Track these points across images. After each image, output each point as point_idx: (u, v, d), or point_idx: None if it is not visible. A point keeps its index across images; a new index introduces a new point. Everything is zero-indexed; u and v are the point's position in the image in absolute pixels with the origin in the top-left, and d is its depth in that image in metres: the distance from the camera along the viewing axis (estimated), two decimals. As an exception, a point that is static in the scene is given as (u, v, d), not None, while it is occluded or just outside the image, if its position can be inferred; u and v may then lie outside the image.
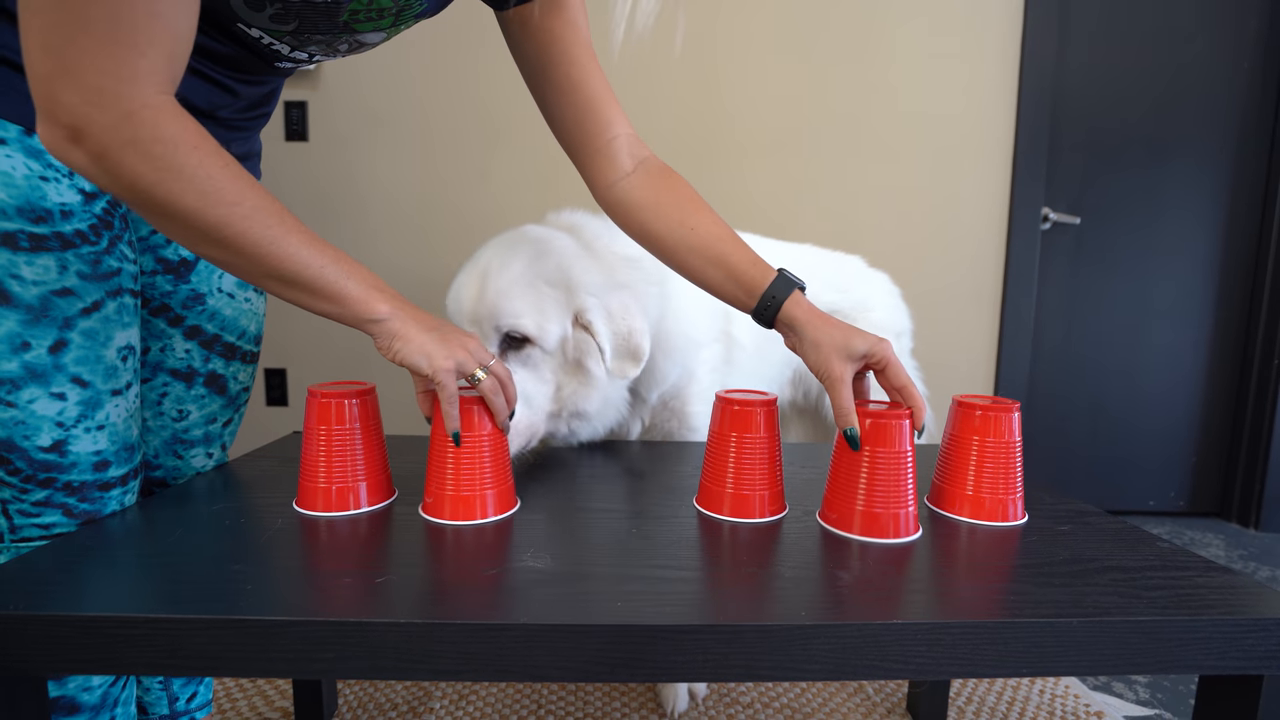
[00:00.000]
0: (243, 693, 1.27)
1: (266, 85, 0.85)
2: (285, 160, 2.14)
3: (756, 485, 0.75)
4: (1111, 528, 0.76)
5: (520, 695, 1.28)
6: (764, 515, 0.75)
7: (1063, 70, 2.18)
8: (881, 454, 0.70)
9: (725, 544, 0.69)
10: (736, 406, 0.75)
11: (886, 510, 0.70)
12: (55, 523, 0.72)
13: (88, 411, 0.72)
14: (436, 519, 0.72)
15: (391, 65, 2.09)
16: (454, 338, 0.71)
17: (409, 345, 0.69)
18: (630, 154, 0.91)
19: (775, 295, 0.80)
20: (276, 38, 0.72)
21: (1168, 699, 1.37)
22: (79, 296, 0.70)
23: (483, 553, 0.65)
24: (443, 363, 0.69)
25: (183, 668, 0.51)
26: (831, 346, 0.76)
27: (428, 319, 0.71)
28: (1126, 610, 0.56)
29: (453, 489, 0.72)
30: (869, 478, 0.71)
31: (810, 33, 2.10)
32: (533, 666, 0.52)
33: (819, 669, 0.53)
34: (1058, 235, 2.26)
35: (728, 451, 0.75)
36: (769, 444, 0.75)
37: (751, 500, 0.75)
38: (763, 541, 0.69)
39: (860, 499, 0.71)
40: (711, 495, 0.77)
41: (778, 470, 0.77)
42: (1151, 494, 2.40)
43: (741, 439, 0.75)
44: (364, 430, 0.75)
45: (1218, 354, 2.34)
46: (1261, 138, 2.24)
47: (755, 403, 0.75)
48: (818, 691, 1.32)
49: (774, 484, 0.76)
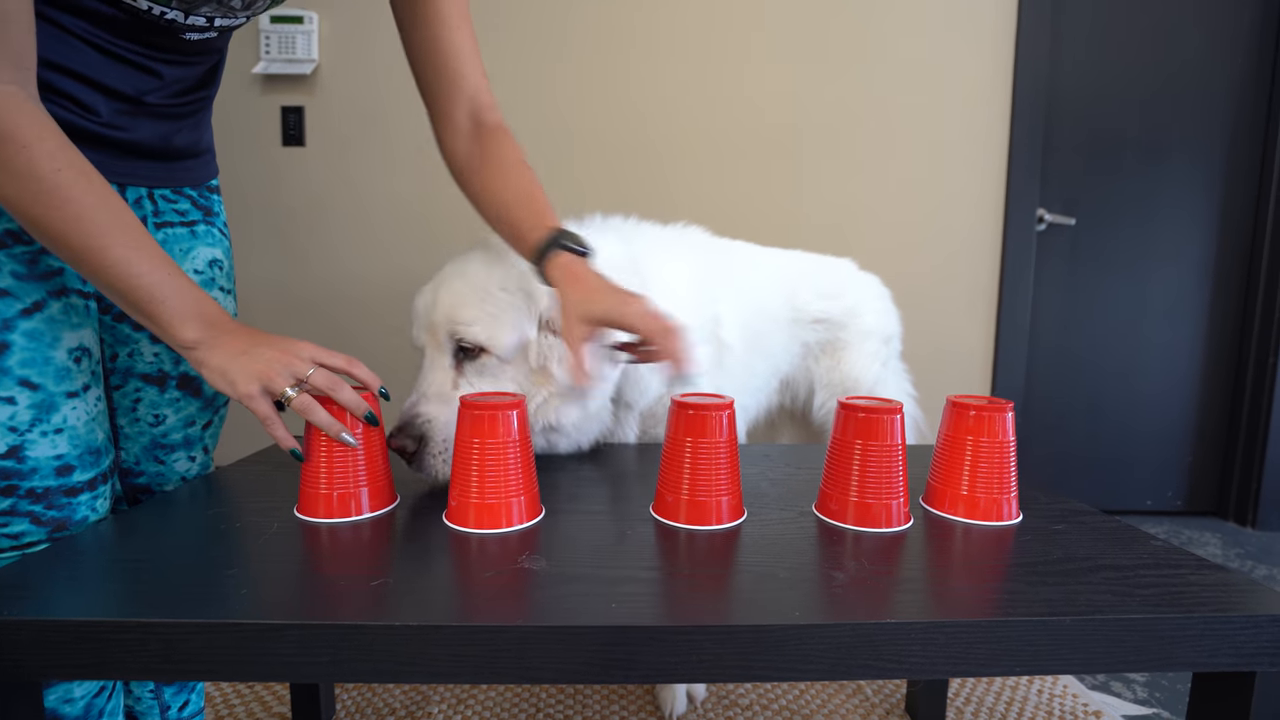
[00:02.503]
0: (240, 698, 1.27)
1: (191, 65, 0.83)
2: (282, 165, 2.14)
3: (714, 491, 0.72)
4: (1105, 526, 0.76)
5: (518, 699, 1.28)
6: (721, 522, 0.73)
7: (1057, 71, 2.19)
8: (873, 447, 0.72)
9: (720, 545, 0.69)
10: (691, 411, 0.72)
11: (879, 501, 0.73)
12: (24, 531, 0.69)
13: (42, 415, 0.70)
14: (461, 527, 0.71)
15: (388, 69, 2.09)
16: (265, 356, 0.68)
17: (212, 373, 0.68)
18: (470, 115, 0.94)
19: (541, 255, 0.83)
20: (164, 5, 0.71)
21: (1166, 698, 1.37)
22: (16, 297, 0.69)
23: (479, 556, 0.65)
24: (245, 387, 0.67)
25: (177, 672, 0.51)
26: (571, 309, 0.77)
27: (241, 340, 0.69)
28: (1119, 608, 0.56)
29: (477, 497, 0.70)
30: (861, 470, 0.73)
31: (804, 34, 2.11)
32: (528, 669, 0.52)
33: (814, 669, 0.53)
34: (1053, 236, 2.27)
35: (683, 457, 0.72)
36: (729, 448, 0.73)
37: (709, 506, 0.72)
38: (758, 540, 0.69)
39: (853, 490, 0.73)
40: (667, 504, 0.74)
41: (736, 475, 0.75)
42: (1149, 494, 2.41)
43: (698, 444, 0.72)
44: (366, 435, 0.75)
45: (1213, 353, 2.35)
46: (1255, 138, 2.26)
47: (717, 406, 0.72)
48: (816, 693, 1.32)
49: (734, 490, 0.74)
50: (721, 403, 0.73)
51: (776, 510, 0.78)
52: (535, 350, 0.93)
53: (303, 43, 2.07)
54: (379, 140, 2.13)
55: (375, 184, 2.15)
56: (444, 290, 0.92)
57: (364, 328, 2.20)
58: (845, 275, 1.49)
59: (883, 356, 1.44)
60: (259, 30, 2.06)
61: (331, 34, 2.09)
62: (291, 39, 2.06)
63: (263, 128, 2.13)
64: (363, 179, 2.15)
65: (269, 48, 2.06)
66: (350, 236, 2.17)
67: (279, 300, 2.19)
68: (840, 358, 1.39)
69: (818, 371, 1.40)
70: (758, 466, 0.95)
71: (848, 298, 1.43)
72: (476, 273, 0.94)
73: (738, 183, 2.15)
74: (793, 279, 1.35)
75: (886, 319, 1.48)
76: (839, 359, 1.39)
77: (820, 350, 1.40)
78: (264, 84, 2.11)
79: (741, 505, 0.76)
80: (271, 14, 2.06)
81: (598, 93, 2.12)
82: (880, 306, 1.49)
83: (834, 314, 1.39)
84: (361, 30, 2.09)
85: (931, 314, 2.20)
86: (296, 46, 2.07)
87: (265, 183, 2.15)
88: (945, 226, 2.19)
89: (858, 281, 1.49)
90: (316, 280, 2.18)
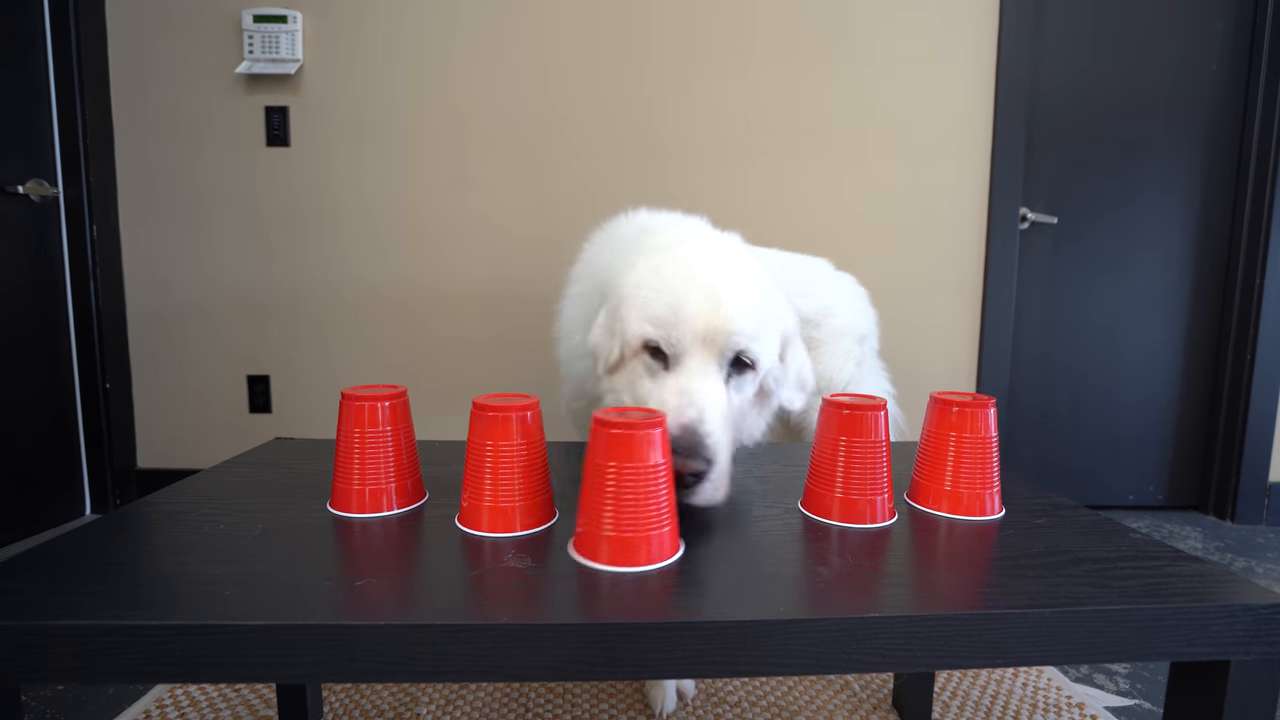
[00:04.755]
0: (225, 701, 1.26)
1: None
2: (267, 166, 2.12)
3: (645, 527, 0.62)
4: (1086, 520, 0.77)
5: (507, 698, 1.28)
6: (657, 561, 0.63)
7: (1039, 71, 2.21)
8: (857, 444, 0.73)
9: (705, 539, 0.69)
10: (617, 430, 0.61)
11: (863, 497, 0.73)
12: None
13: None
14: (473, 530, 0.70)
15: (374, 70, 2.08)
16: None
17: None
18: None
19: None
20: None
21: (1147, 689, 1.39)
22: None
23: (465, 555, 0.65)
24: None
25: (160, 675, 0.51)
26: None
27: None
28: (1098, 600, 0.57)
29: (491, 500, 0.69)
30: (845, 467, 0.74)
31: (788, 37, 2.12)
32: (514, 667, 0.52)
33: (798, 663, 0.54)
34: (1036, 234, 2.29)
35: (605, 483, 0.62)
36: (667, 471, 0.64)
37: (637, 544, 0.62)
38: (744, 537, 0.70)
39: (838, 487, 0.74)
40: (589, 539, 0.64)
41: (672, 504, 0.65)
42: (1131, 488, 2.44)
43: (621, 469, 0.61)
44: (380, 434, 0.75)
45: (1193, 350, 2.38)
46: (1231, 137, 2.29)
47: (640, 424, 0.62)
48: (805, 688, 1.32)
49: (671, 520, 0.64)
50: (651, 419, 0.64)
51: (762, 507, 0.79)
52: (775, 374, 0.92)
53: (286, 42, 2.05)
54: (364, 140, 2.11)
55: (360, 184, 2.14)
56: (730, 296, 0.86)
57: (350, 328, 2.18)
58: (819, 274, 1.49)
59: (857, 355, 1.45)
60: (242, 30, 2.05)
61: (315, 33, 2.08)
62: (275, 39, 2.05)
63: (247, 128, 2.11)
64: (348, 179, 2.14)
65: (252, 47, 2.05)
66: (335, 237, 2.16)
67: (263, 301, 2.17)
68: (815, 357, 1.40)
69: None
70: (744, 465, 0.95)
71: (820, 296, 1.43)
72: (755, 285, 0.90)
73: (720, 182, 2.16)
74: None
75: (861, 318, 1.48)
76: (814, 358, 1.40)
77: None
78: (247, 84, 2.09)
79: (679, 540, 0.66)
80: (255, 13, 2.04)
81: (582, 93, 2.12)
82: (854, 306, 1.49)
83: (806, 313, 1.39)
84: (346, 29, 2.08)
85: (916, 312, 2.22)
86: (280, 46, 2.05)
87: (249, 183, 2.13)
88: (929, 225, 2.20)
89: (832, 280, 1.50)
90: (301, 281, 2.17)
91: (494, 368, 2.18)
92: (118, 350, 2.16)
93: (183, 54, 2.08)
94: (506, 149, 2.13)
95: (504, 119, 2.11)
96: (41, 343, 2.04)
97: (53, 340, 2.07)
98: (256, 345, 2.19)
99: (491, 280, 2.15)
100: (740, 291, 0.87)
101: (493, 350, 2.19)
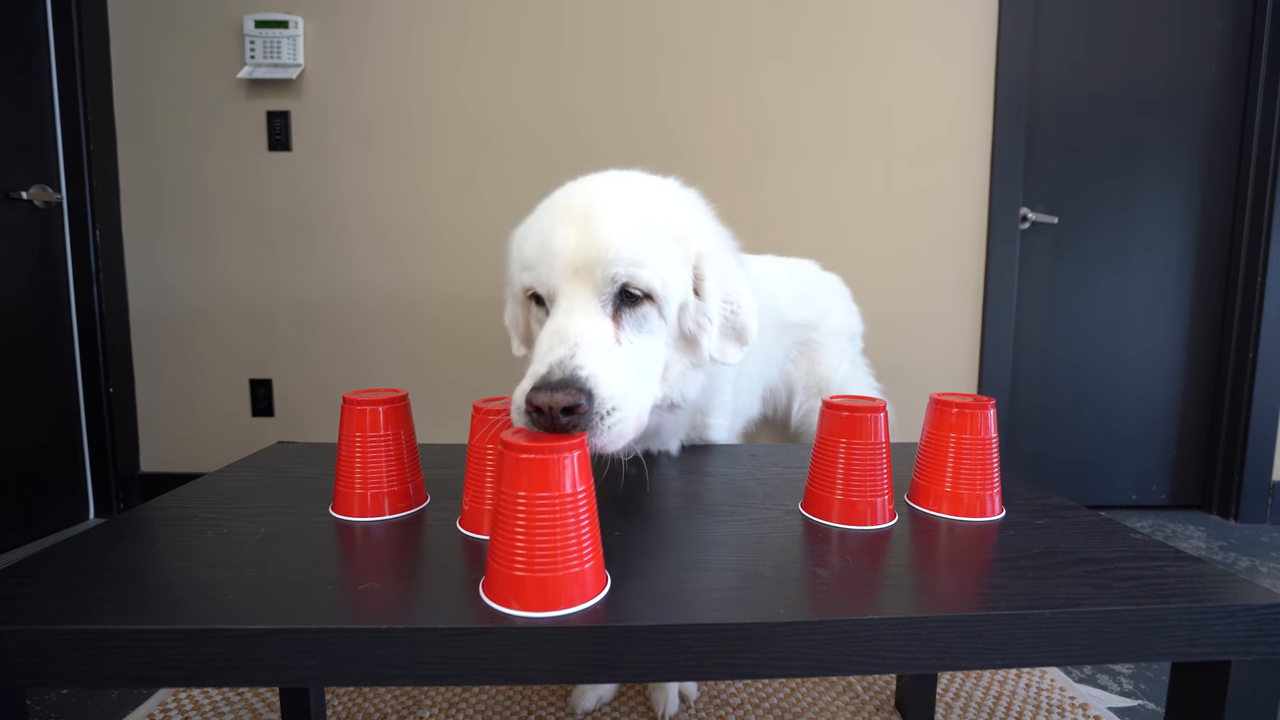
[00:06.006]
0: (229, 705, 1.26)
1: None
2: (269, 170, 2.13)
3: (560, 564, 0.54)
4: (1086, 521, 0.77)
5: (510, 701, 1.28)
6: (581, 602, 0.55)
7: (1038, 72, 2.21)
8: (857, 446, 0.73)
9: (705, 543, 0.69)
10: (528, 455, 0.54)
11: (863, 499, 0.73)
12: None
13: None
14: (474, 533, 0.70)
15: (375, 73, 2.09)
16: None
17: None
18: None
19: None
20: None
21: (1150, 689, 1.39)
22: None
23: (466, 558, 0.65)
24: None
25: (165, 679, 0.51)
26: None
27: None
28: (1099, 601, 0.57)
29: (491, 501, 0.69)
30: (845, 469, 0.73)
31: (788, 38, 2.12)
32: (515, 670, 0.52)
33: (799, 665, 0.54)
34: (1036, 234, 2.29)
35: (516, 514, 0.54)
36: (588, 499, 0.56)
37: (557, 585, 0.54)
38: (741, 539, 0.70)
39: (839, 489, 0.74)
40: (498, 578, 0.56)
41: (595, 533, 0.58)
42: (1134, 488, 2.44)
43: (533, 498, 0.54)
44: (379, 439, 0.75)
45: (1195, 349, 2.38)
46: (1231, 137, 2.29)
47: (561, 447, 0.55)
48: (807, 691, 1.32)
49: (596, 550, 0.57)
50: (572, 442, 0.56)
51: (763, 509, 0.79)
52: (691, 313, 0.82)
53: (288, 47, 2.06)
54: (365, 145, 2.12)
55: (362, 189, 2.15)
56: (600, 223, 0.76)
57: (351, 331, 2.19)
58: (811, 277, 1.51)
59: (850, 355, 1.47)
60: (244, 35, 2.06)
61: (317, 38, 2.09)
62: (277, 44, 2.06)
63: (248, 133, 2.12)
64: (349, 184, 2.14)
65: (254, 52, 2.05)
66: (337, 242, 2.16)
67: (265, 305, 2.18)
68: (815, 358, 1.41)
69: (795, 374, 1.42)
70: (745, 466, 0.95)
71: (817, 299, 1.45)
72: (636, 204, 0.80)
73: (721, 184, 2.16)
74: (773, 284, 1.36)
75: (851, 318, 1.51)
76: (814, 360, 1.41)
77: (798, 352, 1.42)
78: (249, 89, 2.10)
79: (604, 576, 0.60)
80: (257, 18, 2.05)
81: (580, 95, 2.12)
82: (845, 305, 1.52)
83: (809, 316, 1.41)
84: (347, 34, 2.09)
85: (917, 313, 2.22)
86: (282, 51, 2.06)
87: (252, 188, 2.14)
88: (930, 225, 2.20)
89: (823, 283, 1.52)
90: (303, 285, 2.17)
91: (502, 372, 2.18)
92: (121, 354, 2.17)
93: (185, 59, 2.09)
94: (511, 151, 2.13)
95: (512, 122, 2.12)
96: (45, 347, 2.05)
97: (56, 345, 2.08)
98: (259, 349, 2.20)
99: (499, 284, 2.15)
100: (618, 215, 0.77)
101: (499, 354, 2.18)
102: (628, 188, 0.85)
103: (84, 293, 2.11)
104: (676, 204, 0.86)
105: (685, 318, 0.83)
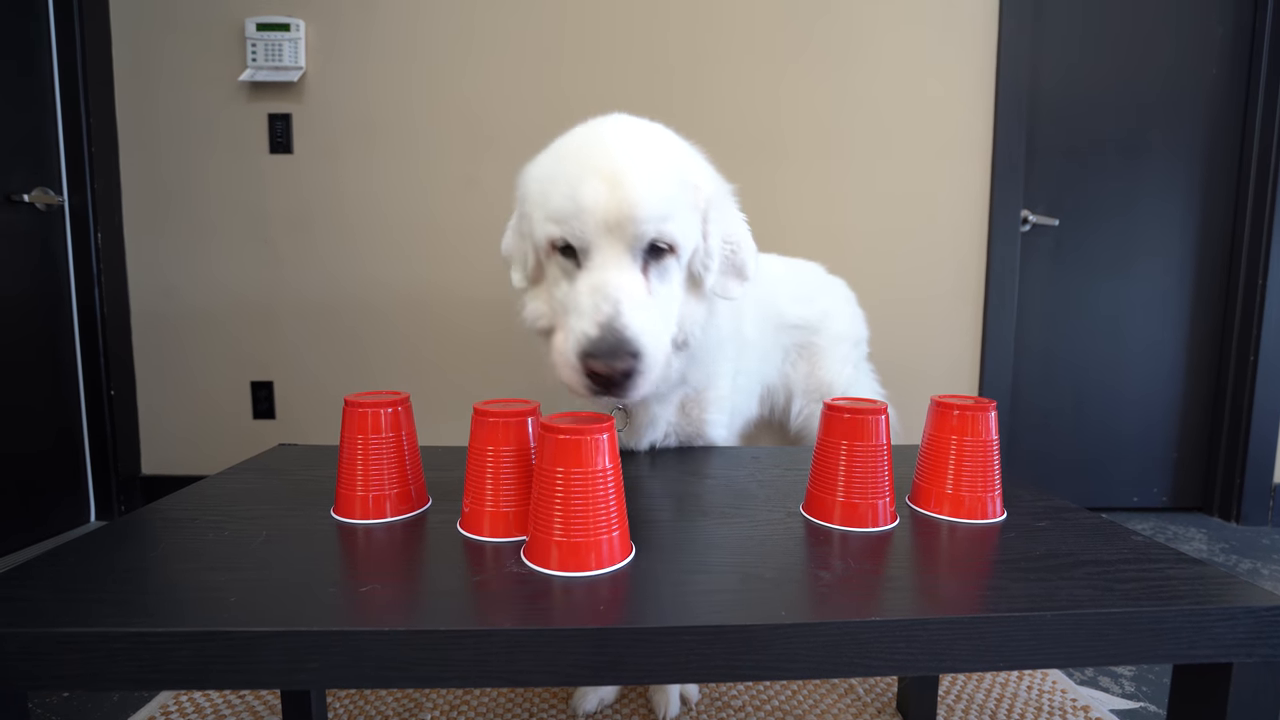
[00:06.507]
0: (230, 708, 1.26)
1: None
2: (270, 173, 2.13)
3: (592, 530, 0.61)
4: (1087, 523, 0.77)
5: (511, 703, 1.28)
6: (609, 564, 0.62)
7: (1039, 73, 2.21)
8: (859, 448, 0.73)
9: (707, 545, 0.69)
10: (564, 436, 0.61)
11: (865, 501, 0.73)
12: None
13: None
14: (475, 535, 0.70)
15: (376, 76, 2.09)
16: None
17: None
18: None
19: None
20: None
21: (1153, 692, 1.38)
22: None
23: (468, 560, 0.65)
24: None
25: (167, 682, 0.51)
26: None
27: None
28: (1100, 603, 0.57)
29: (492, 505, 0.69)
30: (847, 471, 0.73)
31: (788, 39, 2.12)
32: (517, 672, 0.52)
33: (801, 667, 0.54)
34: (1037, 236, 2.29)
35: (554, 487, 0.61)
36: (615, 474, 0.63)
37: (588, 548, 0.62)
38: (743, 541, 0.70)
39: (840, 491, 0.74)
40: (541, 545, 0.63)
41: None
42: (1136, 490, 2.43)
43: (569, 473, 0.61)
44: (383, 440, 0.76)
45: (1196, 351, 2.38)
46: (1231, 140, 2.29)
47: (593, 429, 0.62)
48: (809, 693, 1.32)
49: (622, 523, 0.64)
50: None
51: (764, 511, 0.79)
52: (700, 256, 0.85)
53: (289, 50, 2.06)
54: (368, 147, 2.12)
55: (363, 191, 2.15)
56: (628, 178, 0.79)
57: (353, 335, 2.19)
58: (816, 279, 1.51)
59: (854, 359, 1.47)
60: (245, 38, 2.06)
61: (318, 41, 2.09)
62: (278, 46, 2.06)
63: (250, 135, 2.12)
64: (351, 186, 2.15)
65: (255, 55, 2.06)
66: (338, 244, 2.17)
67: (267, 307, 2.18)
68: (816, 362, 1.41)
69: (795, 377, 1.41)
70: (746, 469, 0.95)
71: (820, 302, 1.45)
72: (656, 156, 0.83)
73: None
74: (771, 283, 1.36)
75: (856, 322, 1.51)
76: (815, 364, 1.41)
77: (798, 355, 1.41)
78: (250, 91, 2.10)
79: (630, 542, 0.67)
80: (258, 21, 2.05)
81: (583, 95, 2.12)
82: (850, 310, 1.51)
83: (810, 319, 1.41)
84: (348, 37, 2.09)
85: (918, 315, 2.22)
86: (283, 54, 2.06)
87: (253, 190, 2.14)
88: (930, 227, 2.20)
89: (827, 286, 1.51)
90: (305, 287, 2.18)
91: (503, 373, 2.18)
92: (122, 357, 2.17)
93: (187, 62, 2.10)
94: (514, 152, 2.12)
95: (517, 122, 2.12)
96: (46, 350, 2.05)
97: (58, 347, 2.08)
98: (260, 351, 2.20)
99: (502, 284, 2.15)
100: (644, 170, 0.80)
101: (502, 356, 2.19)
102: (645, 138, 0.88)
103: (85, 295, 2.11)
104: (686, 152, 0.91)
105: (695, 260, 0.87)
